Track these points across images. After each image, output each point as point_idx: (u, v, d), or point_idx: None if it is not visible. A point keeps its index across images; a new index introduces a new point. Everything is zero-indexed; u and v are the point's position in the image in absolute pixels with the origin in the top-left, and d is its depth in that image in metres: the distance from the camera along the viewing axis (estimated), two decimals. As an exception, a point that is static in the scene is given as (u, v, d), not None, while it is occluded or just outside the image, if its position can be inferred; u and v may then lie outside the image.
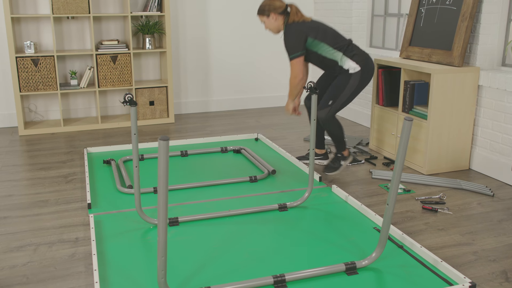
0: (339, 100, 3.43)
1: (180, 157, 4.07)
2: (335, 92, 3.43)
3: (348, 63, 3.41)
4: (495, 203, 3.16)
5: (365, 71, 3.43)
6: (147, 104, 5.20)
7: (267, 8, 3.47)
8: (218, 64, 5.78)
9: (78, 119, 5.26)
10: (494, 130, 3.56)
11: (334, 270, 2.31)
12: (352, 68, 3.41)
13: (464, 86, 3.61)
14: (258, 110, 5.89)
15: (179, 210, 3.05)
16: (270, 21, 3.50)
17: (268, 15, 3.48)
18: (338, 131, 3.50)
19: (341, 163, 3.61)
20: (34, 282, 2.29)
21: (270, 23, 3.52)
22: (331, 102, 3.42)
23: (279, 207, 3.03)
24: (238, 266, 2.39)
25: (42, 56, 4.75)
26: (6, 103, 5.10)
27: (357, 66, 3.40)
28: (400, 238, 2.63)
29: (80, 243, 2.65)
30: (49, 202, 3.20)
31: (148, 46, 5.12)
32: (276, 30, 3.56)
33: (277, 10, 3.46)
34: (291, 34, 3.42)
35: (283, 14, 3.48)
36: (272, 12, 3.47)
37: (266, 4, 3.49)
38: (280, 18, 3.49)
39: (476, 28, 3.63)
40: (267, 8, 3.47)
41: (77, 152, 4.25)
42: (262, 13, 3.52)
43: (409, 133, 2.02)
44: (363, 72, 3.42)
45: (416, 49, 4.06)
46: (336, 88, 3.44)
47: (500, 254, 2.53)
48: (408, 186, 3.46)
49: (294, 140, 4.61)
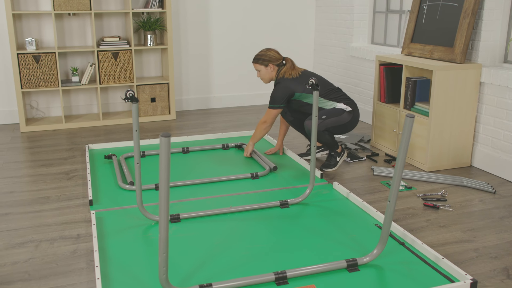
0: (330, 121, 3.56)
1: (182, 154, 4.07)
2: (329, 112, 3.58)
3: (339, 105, 3.60)
4: (497, 200, 3.16)
5: (355, 114, 3.62)
6: (149, 101, 5.20)
7: (267, 59, 3.63)
8: (220, 61, 5.77)
9: (79, 115, 5.26)
10: (496, 127, 3.55)
11: (336, 266, 2.31)
12: (344, 107, 3.59)
13: (466, 83, 3.60)
14: (259, 107, 5.89)
15: (181, 206, 3.05)
16: (267, 70, 3.66)
17: (266, 65, 3.64)
18: (328, 139, 3.61)
19: (337, 160, 3.70)
20: (36, 278, 2.29)
21: (266, 72, 3.67)
22: (324, 117, 3.56)
23: (280, 204, 3.03)
24: (240, 263, 2.40)
25: (43, 53, 4.75)
26: (7, 99, 5.10)
27: (348, 107, 3.60)
28: (402, 235, 2.63)
29: (81, 240, 2.65)
30: (50, 199, 3.20)
31: (149, 42, 5.12)
32: (268, 80, 3.72)
33: (275, 62, 3.65)
34: (279, 88, 3.59)
35: (279, 66, 3.67)
36: (271, 63, 3.64)
37: (265, 55, 3.64)
38: (276, 69, 3.67)
39: (478, 24, 3.62)
40: (267, 59, 3.63)
41: (79, 149, 4.25)
42: (260, 62, 3.65)
43: (411, 129, 2.02)
44: (354, 113, 3.61)
45: (418, 46, 4.05)
46: (332, 112, 3.59)
47: (501, 251, 2.53)
48: (409, 183, 3.46)
49: (295, 137, 4.61)
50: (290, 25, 5.94)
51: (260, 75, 3.70)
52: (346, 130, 3.65)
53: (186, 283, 2.23)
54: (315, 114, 2.87)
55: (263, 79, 3.72)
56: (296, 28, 5.97)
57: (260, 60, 3.65)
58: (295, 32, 5.98)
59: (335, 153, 3.71)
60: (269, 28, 5.85)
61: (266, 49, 3.68)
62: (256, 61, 3.67)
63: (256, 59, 3.67)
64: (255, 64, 3.68)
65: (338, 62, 5.54)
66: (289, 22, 5.92)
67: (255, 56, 3.68)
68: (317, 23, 5.94)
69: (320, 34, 5.92)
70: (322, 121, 3.53)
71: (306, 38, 6.05)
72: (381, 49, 4.90)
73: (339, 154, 3.72)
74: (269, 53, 3.65)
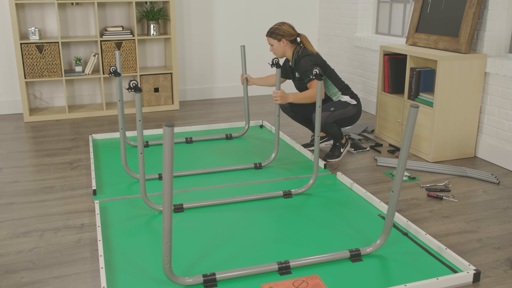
0: (338, 113, 3.55)
1: (185, 144, 4.08)
2: (336, 104, 3.58)
3: (344, 97, 3.60)
4: (501, 190, 3.15)
5: (359, 108, 3.62)
6: (152, 91, 5.19)
7: (281, 33, 3.50)
8: (223, 51, 5.75)
9: (83, 105, 5.27)
10: (501, 118, 3.54)
11: (339, 256, 2.32)
12: (349, 100, 3.59)
13: (471, 73, 3.58)
14: (262, 97, 5.88)
15: (184, 196, 3.05)
16: (280, 45, 3.54)
17: (280, 40, 3.52)
18: (336, 130, 3.61)
19: (341, 151, 3.72)
20: (40, 267, 2.31)
21: (279, 47, 3.55)
22: (332, 109, 3.55)
23: (284, 194, 3.03)
24: (243, 253, 2.40)
25: (46, 43, 4.74)
26: (11, 89, 5.10)
27: (353, 100, 3.60)
28: (405, 226, 2.62)
29: (85, 229, 2.66)
30: (54, 188, 3.21)
31: (152, 32, 5.10)
32: (281, 55, 3.60)
33: (289, 37, 3.52)
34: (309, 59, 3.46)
35: (293, 43, 3.55)
36: (284, 38, 3.51)
37: (279, 29, 3.52)
38: (289, 45, 3.55)
39: (484, 14, 3.59)
40: (281, 33, 3.50)
41: (82, 139, 4.26)
42: (274, 36, 3.53)
43: (415, 120, 2.01)
44: (358, 107, 3.61)
45: (422, 36, 4.03)
46: (339, 105, 3.58)
47: (505, 242, 2.52)
48: (413, 173, 3.45)
49: (298, 127, 4.60)
50: (294, 15, 5.91)
51: (272, 49, 3.59)
52: (350, 123, 3.65)
53: (189, 273, 2.24)
54: (319, 104, 2.86)
55: (275, 54, 3.60)
56: (300, 18, 5.94)
57: (273, 34, 3.52)
58: (299, 22, 5.94)
59: (340, 144, 3.72)
60: (272, 18, 5.82)
61: (281, 23, 3.54)
62: (269, 35, 3.55)
63: (270, 32, 3.54)
64: (269, 38, 3.56)
65: (342, 52, 5.51)
66: (292, 12, 5.89)
67: (269, 30, 3.57)
68: (321, 13, 5.91)
69: (324, 24, 5.89)
70: (331, 113, 3.52)
71: (310, 28, 6.01)
72: (385, 39, 4.87)
73: (343, 145, 3.72)
74: (283, 27, 3.51)
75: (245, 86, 4.02)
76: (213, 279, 2.14)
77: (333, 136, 3.62)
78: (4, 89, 5.07)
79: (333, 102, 3.59)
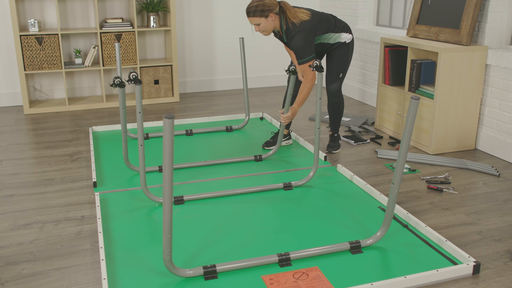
0: (343, 68, 3.54)
1: (185, 136, 4.07)
2: (342, 65, 3.52)
3: (342, 36, 3.46)
4: (501, 183, 3.15)
5: (352, 41, 3.55)
6: (152, 83, 5.18)
7: (267, 8, 3.16)
8: (223, 43, 5.73)
9: (83, 98, 5.26)
10: (501, 110, 3.53)
11: (339, 248, 2.32)
12: (348, 39, 3.49)
13: (472, 65, 3.57)
14: (263, 89, 5.87)
15: (184, 188, 3.05)
16: (269, 21, 3.20)
17: (267, 16, 3.18)
18: (343, 106, 3.65)
19: (339, 142, 3.77)
20: (41, 259, 2.31)
21: (267, 24, 3.21)
22: (341, 75, 3.53)
23: (284, 186, 3.03)
24: (243, 244, 2.41)
25: (46, 35, 4.72)
26: (11, 81, 5.09)
27: (349, 35, 3.49)
28: (405, 218, 2.63)
29: (86, 221, 2.67)
30: (55, 181, 3.21)
31: (152, 24, 5.08)
32: (271, 31, 3.29)
33: (274, 10, 3.19)
34: (302, 36, 3.21)
35: (278, 14, 3.23)
36: (272, 12, 3.18)
37: (262, 5, 3.16)
38: (277, 18, 3.23)
39: (485, 6, 3.57)
40: (266, 9, 3.16)
41: (82, 131, 4.25)
42: (259, 15, 3.17)
43: (416, 112, 2.01)
44: (352, 41, 3.54)
45: (423, 28, 4.01)
46: (341, 61, 3.51)
47: (505, 234, 2.53)
48: (413, 165, 3.45)
49: (299, 119, 4.60)
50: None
51: (259, 29, 3.23)
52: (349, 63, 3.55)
53: (190, 265, 2.24)
54: (319, 96, 2.85)
55: (265, 32, 3.25)
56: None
57: (258, 13, 3.15)
58: (299, 14, 5.91)
59: (338, 136, 3.74)
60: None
61: None
62: (254, 14, 3.16)
63: (253, 12, 3.16)
64: (253, 18, 3.18)
65: (343, 44, 5.49)
66: (293, 4, 5.86)
67: (249, 10, 3.17)
68: (322, 4, 5.88)
69: (324, 15, 5.86)
70: (341, 79, 3.53)
71: (310, 20, 5.98)
72: (386, 31, 4.85)
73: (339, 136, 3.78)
74: (265, 1, 3.15)
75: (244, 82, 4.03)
76: (214, 271, 2.15)
77: (339, 112, 3.65)
78: (4, 81, 5.06)
79: (338, 64, 3.47)
